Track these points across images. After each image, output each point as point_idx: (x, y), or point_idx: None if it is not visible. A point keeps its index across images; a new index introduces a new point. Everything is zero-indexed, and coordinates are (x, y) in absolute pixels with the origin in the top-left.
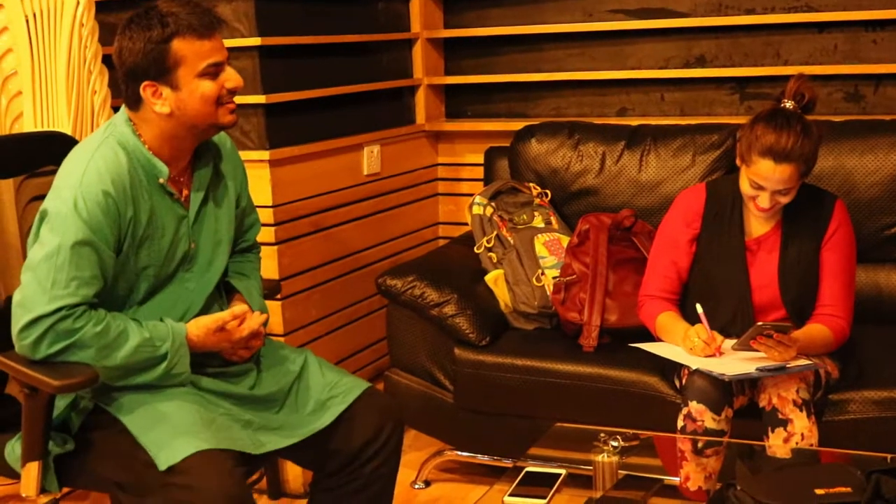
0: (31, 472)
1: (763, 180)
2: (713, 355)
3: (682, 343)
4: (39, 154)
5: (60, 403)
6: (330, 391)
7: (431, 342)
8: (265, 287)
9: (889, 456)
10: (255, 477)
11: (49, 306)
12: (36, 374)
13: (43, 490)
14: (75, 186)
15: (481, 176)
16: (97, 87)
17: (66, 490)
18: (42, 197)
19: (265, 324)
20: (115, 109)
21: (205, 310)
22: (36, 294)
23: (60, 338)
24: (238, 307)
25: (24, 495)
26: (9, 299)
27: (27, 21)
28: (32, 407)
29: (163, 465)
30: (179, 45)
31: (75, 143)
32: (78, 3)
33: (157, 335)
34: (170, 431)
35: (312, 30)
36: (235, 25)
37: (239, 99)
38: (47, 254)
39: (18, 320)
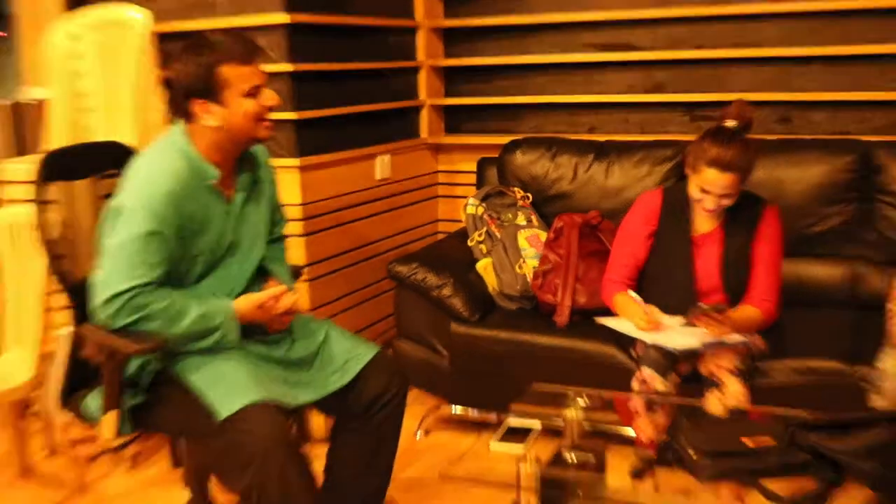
0: (109, 420)
1: (709, 186)
2: (655, 330)
3: (633, 319)
4: (104, 160)
5: (133, 364)
6: (348, 354)
7: (431, 318)
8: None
9: (805, 413)
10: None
11: (124, 285)
12: (116, 341)
13: (119, 433)
14: (144, 186)
15: (474, 181)
16: (156, 105)
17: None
18: (109, 195)
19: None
20: (172, 122)
21: (246, 289)
22: (113, 275)
23: (133, 311)
24: (276, 289)
25: (103, 438)
26: (84, 279)
27: (99, 49)
28: (110, 367)
29: (222, 414)
30: (226, 70)
31: (132, 151)
32: (141, 34)
33: (212, 310)
34: (227, 387)
35: (335, 58)
36: (270, 54)
37: (273, 115)
38: (122, 242)
39: (98, 297)
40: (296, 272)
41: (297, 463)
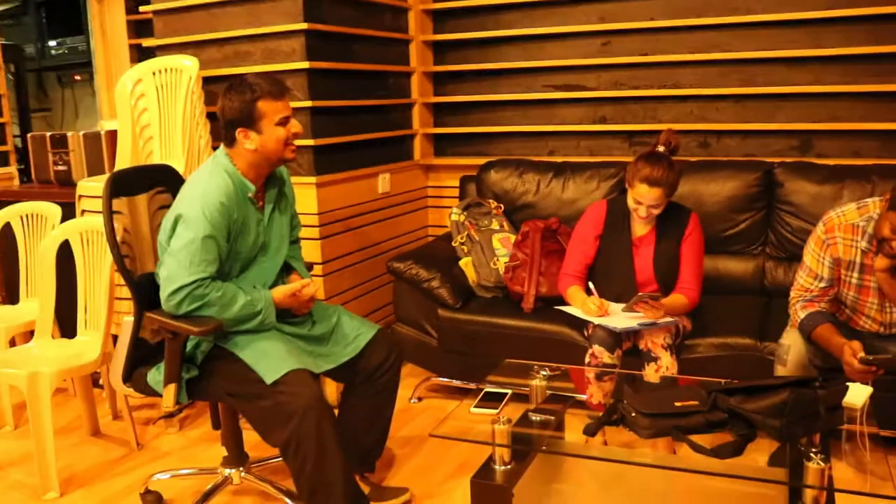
0: (170, 391)
1: (642, 198)
2: (603, 315)
3: (581, 307)
4: (155, 179)
5: (189, 345)
6: (356, 332)
7: (423, 305)
8: None
9: (723, 380)
10: None
11: (188, 279)
12: (182, 324)
13: (177, 402)
14: (201, 198)
15: (458, 194)
16: (202, 134)
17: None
18: (164, 207)
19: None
20: (214, 149)
21: (276, 282)
22: (178, 271)
23: (196, 300)
24: (304, 280)
25: (164, 406)
26: (144, 275)
27: (157, 90)
28: (173, 347)
29: (270, 380)
30: (263, 105)
31: (177, 172)
32: (190, 77)
33: (255, 298)
34: (270, 358)
35: (346, 96)
36: (295, 93)
37: (297, 142)
38: (185, 244)
39: (166, 289)
40: (308, 267)
41: (330, 417)
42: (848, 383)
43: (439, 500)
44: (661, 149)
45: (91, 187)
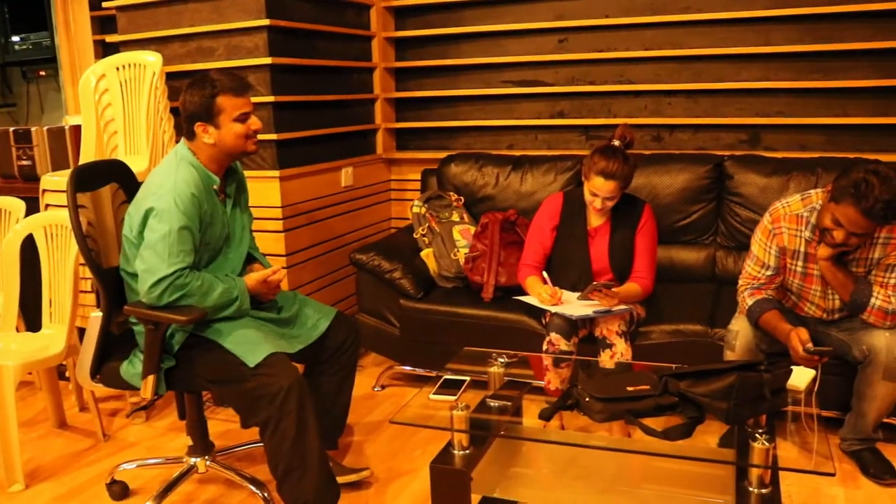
0: (149, 382)
1: (597, 190)
2: (557, 304)
3: (537, 296)
4: (112, 175)
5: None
6: (318, 315)
7: (385, 295)
8: None
9: (674, 365)
10: None
11: (168, 270)
12: (168, 315)
13: (155, 393)
14: (172, 190)
15: (419, 187)
16: (166, 129)
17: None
18: (126, 202)
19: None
20: (177, 142)
21: (242, 271)
22: (157, 263)
23: (177, 290)
24: (274, 268)
25: (142, 397)
26: (110, 268)
27: (120, 85)
28: (154, 338)
29: (251, 363)
30: (222, 100)
31: (129, 168)
32: (154, 73)
33: (230, 285)
34: (251, 342)
35: (309, 91)
36: (258, 88)
37: (259, 137)
38: (161, 236)
39: (146, 282)
40: (271, 259)
41: (309, 397)
42: (792, 367)
43: (401, 484)
44: (616, 143)
45: (55, 182)
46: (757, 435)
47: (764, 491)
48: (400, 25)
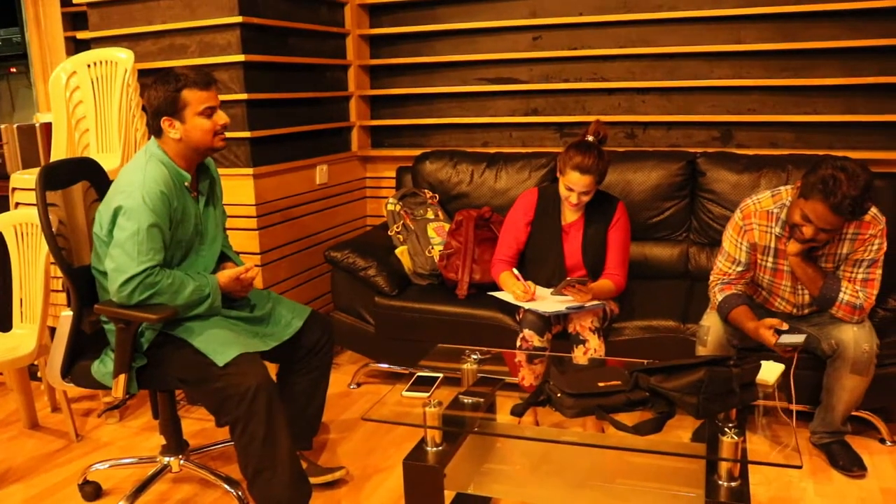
0: (120, 381)
1: (572, 185)
2: (531, 299)
3: (511, 292)
4: (82, 172)
5: None
6: (292, 314)
7: (360, 293)
8: None
9: (646, 360)
10: None
11: (138, 268)
12: (139, 313)
13: (126, 392)
14: (141, 188)
15: (394, 185)
16: (139, 126)
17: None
18: (96, 201)
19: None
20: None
21: (215, 268)
22: (127, 261)
23: (147, 288)
24: (247, 266)
25: (114, 397)
26: (81, 267)
27: (92, 82)
28: (125, 337)
29: (221, 363)
30: (186, 94)
31: (99, 166)
32: (126, 70)
33: (202, 283)
34: (220, 342)
35: (282, 88)
36: (231, 86)
37: (232, 134)
38: (130, 234)
39: (116, 280)
40: (245, 257)
41: (278, 398)
42: (762, 361)
43: (376, 481)
44: (590, 138)
45: (25, 180)
46: (726, 429)
47: (733, 484)
48: (374, 23)
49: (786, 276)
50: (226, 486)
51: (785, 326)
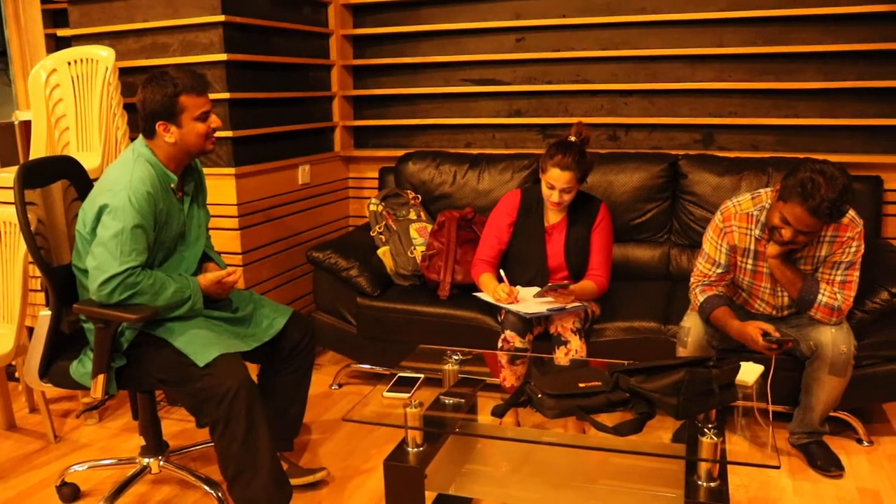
0: (99, 382)
1: (553, 181)
2: (513, 301)
3: (492, 294)
4: (61, 171)
5: None
6: (274, 314)
7: (342, 294)
8: None
9: (627, 361)
10: None
11: (119, 268)
12: (118, 313)
13: (105, 392)
14: (127, 188)
15: (377, 185)
16: (119, 125)
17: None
18: (76, 200)
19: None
20: (132, 139)
21: (196, 270)
22: (109, 260)
23: (128, 288)
24: (230, 269)
25: (92, 396)
26: (60, 266)
27: (72, 80)
28: (104, 336)
29: (201, 363)
30: (184, 99)
31: (80, 164)
32: (107, 68)
33: (183, 285)
34: (201, 342)
35: (265, 88)
36: (213, 85)
37: (215, 134)
38: (114, 233)
39: (96, 279)
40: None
41: (259, 399)
42: (741, 363)
43: (357, 482)
44: (572, 139)
45: (3, 178)
46: (706, 430)
47: (712, 484)
48: (358, 23)
49: (765, 278)
50: (206, 487)
51: (777, 334)
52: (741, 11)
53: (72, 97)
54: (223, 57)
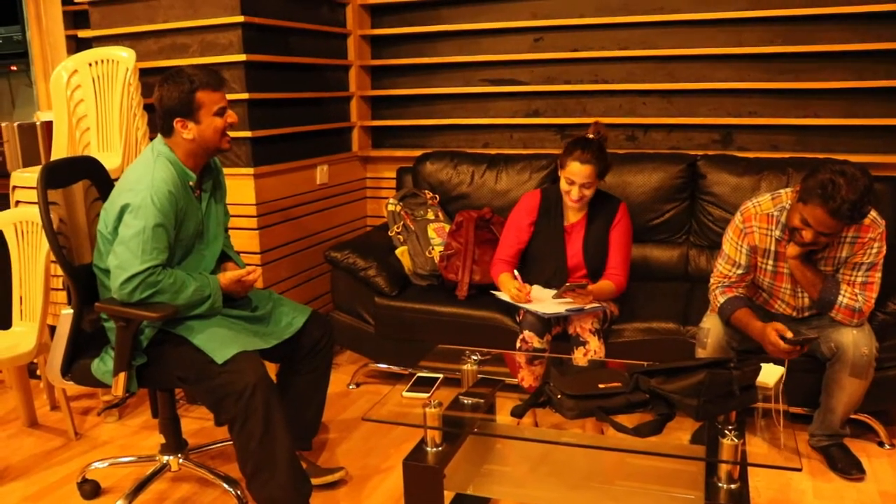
0: (120, 380)
1: (573, 176)
2: (526, 300)
3: (507, 293)
4: (83, 171)
5: None
6: (293, 313)
7: (360, 293)
8: None
9: (646, 363)
10: None
11: (140, 267)
12: (140, 311)
13: (126, 390)
14: (149, 187)
15: (395, 185)
16: (140, 125)
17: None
18: (97, 200)
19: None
20: (152, 139)
21: (215, 269)
22: (130, 259)
23: (149, 287)
24: (250, 268)
25: (114, 395)
26: (82, 265)
27: (93, 81)
28: (125, 335)
29: (220, 360)
30: (201, 95)
31: (101, 164)
32: (127, 69)
33: (203, 283)
34: (220, 340)
35: (283, 88)
36: (232, 85)
37: (233, 133)
38: (136, 232)
39: (118, 278)
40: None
41: (277, 396)
42: (761, 364)
43: (376, 482)
44: (590, 136)
45: (26, 178)
46: (726, 431)
47: (733, 486)
48: (376, 23)
49: (786, 278)
50: (225, 485)
51: (790, 335)
52: (760, 11)
53: (93, 98)
54: (242, 57)
